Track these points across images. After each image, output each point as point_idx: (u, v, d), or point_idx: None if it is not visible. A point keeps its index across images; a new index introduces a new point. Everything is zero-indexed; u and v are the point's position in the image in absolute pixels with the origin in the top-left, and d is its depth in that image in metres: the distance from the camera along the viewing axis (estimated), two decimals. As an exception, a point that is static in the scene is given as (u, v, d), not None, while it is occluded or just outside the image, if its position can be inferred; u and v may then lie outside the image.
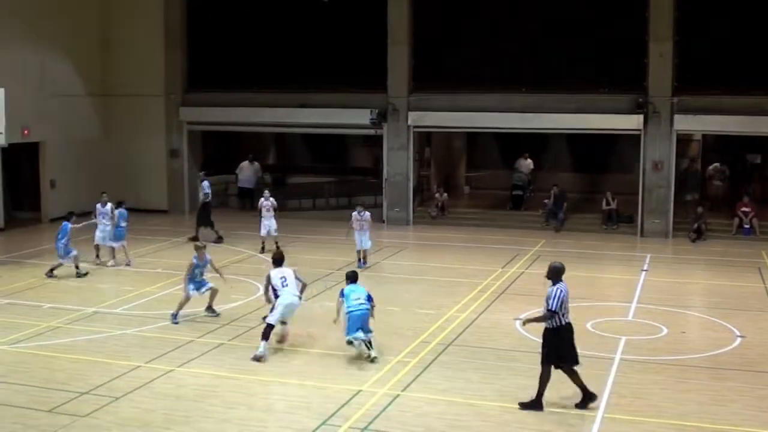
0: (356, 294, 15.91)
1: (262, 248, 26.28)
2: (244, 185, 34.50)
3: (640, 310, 19.78)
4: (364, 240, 24.26)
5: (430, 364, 15.59)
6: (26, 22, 30.64)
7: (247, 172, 34.55)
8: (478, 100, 30.92)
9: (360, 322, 15.53)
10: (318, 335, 17.16)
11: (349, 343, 15.53)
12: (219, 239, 27.40)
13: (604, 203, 31.04)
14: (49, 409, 13.27)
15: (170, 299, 20.40)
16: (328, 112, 32.44)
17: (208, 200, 28.17)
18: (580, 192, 35.28)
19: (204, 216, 27.85)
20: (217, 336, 17.31)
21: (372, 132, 32.73)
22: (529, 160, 34.33)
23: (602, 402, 13.69)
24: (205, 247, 19.39)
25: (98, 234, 24.36)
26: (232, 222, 30.19)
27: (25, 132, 30.12)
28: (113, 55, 34.95)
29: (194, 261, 18.68)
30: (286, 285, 16.52)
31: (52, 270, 22.68)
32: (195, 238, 26.25)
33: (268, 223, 26.34)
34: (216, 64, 34.73)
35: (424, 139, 34.89)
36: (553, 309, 13.18)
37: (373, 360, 15.48)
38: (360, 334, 15.50)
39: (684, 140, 32.57)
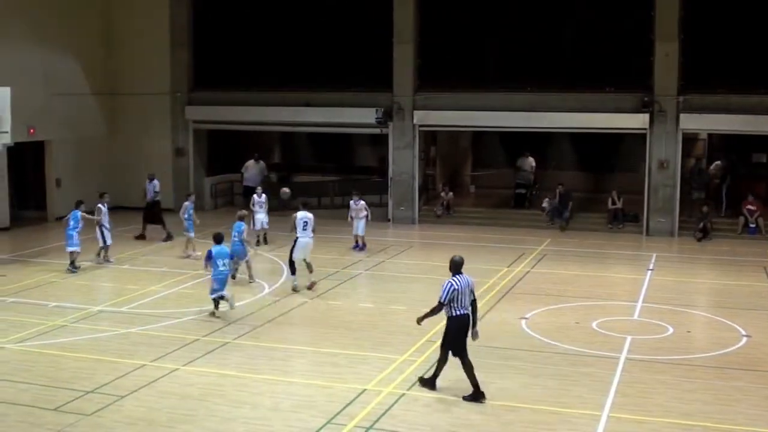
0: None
1: (257, 242, 27.07)
2: (250, 184, 34.41)
3: (646, 310, 19.75)
4: (359, 226, 26.46)
5: (435, 362, 15.55)
6: (31, 21, 30.67)
7: (252, 170, 34.52)
8: (483, 99, 30.92)
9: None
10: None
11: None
12: (168, 237, 27.87)
13: (609, 202, 31.02)
14: (54, 407, 13.28)
15: (176, 298, 20.48)
16: (333, 111, 32.45)
17: (157, 199, 28.85)
18: (585, 191, 35.23)
19: (153, 215, 28.41)
20: (222, 335, 17.31)
21: (377, 131, 32.72)
22: (531, 158, 34.29)
23: (608, 401, 13.68)
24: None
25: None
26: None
27: (31, 131, 30.14)
28: (119, 53, 34.99)
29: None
30: (305, 229, 20.69)
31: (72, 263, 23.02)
32: (142, 236, 27.78)
33: (261, 218, 27.45)
34: (222, 63, 34.75)
35: (430, 137, 34.87)
36: (441, 300, 13.80)
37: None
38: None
39: (690, 139, 32.49)
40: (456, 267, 14.11)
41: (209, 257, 18.95)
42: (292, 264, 21.13)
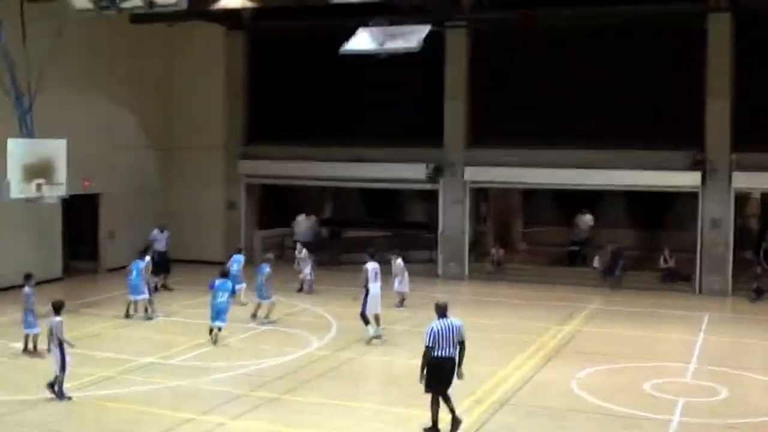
0: None
1: (300, 289, 28.40)
2: (300, 239, 34.56)
3: (699, 371, 19.45)
4: (397, 283, 26.18)
5: (484, 423, 15.44)
6: (90, 75, 31.24)
7: (303, 225, 34.69)
8: (534, 156, 30.88)
9: None
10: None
11: None
12: (165, 288, 28.21)
13: (661, 261, 30.72)
14: (102, 459, 13.34)
15: (225, 350, 20.52)
16: (384, 166, 32.59)
17: (165, 249, 29.16)
18: (636, 249, 34.91)
19: (164, 263, 28.56)
20: (270, 389, 17.31)
21: (428, 186, 32.80)
22: (589, 216, 34.03)
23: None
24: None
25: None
26: (287, 274, 30.24)
27: (86, 184, 30.54)
28: (175, 107, 35.57)
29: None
30: (376, 280, 20.96)
31: (129, 310, 23.69)
32: (165, 286, 27.98)
33: (305, 272, 28.49)
34: (275, 119, 35.11)
35: (481, 194, 34.85)
36: (427, 345, 14.30)
37: None
38: None
39: (742, 197, 32.14)
40: (440, 311, 14.69)
41: (212, 287, 21.02)
42: (363, 316, 21.18)
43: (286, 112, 34.99)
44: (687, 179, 29.45)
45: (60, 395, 16.33)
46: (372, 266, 21.37)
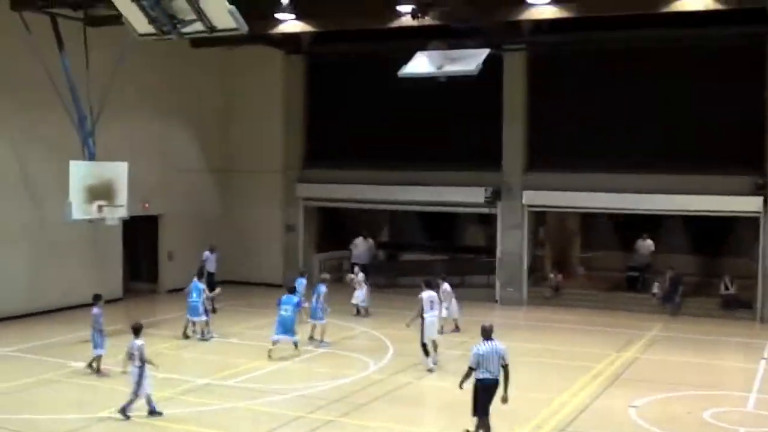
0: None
1: (357, 311, 28.40)
2: (358, 261, 34.64)
3: (761, 401, 19.09)
4: (444, 309, 24.99)
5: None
6: (151, 98, 31.70)
7: (361, 248, 34.76)
8: (592, 180, 30.63)
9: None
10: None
11: None
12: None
13: (722, 287, 30.27)
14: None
15: (281, 373, 20.59)
16: (442, 190, 32.55)
17: (214, 271, 29.20)
18: (696, 275, 34.44)
19: (210, 285, 28.28)
20: (327, 412, 17.31)
21: (486, 210, 32.70)
22: (649, 241, 33.57)
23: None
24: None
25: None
26: (345, 297, 30.32)
27: (145, 206, 30.96)
28: (234, 131, 35.94)
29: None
30: (432, 308, 20.73)
31: (186, 329, 24.10)
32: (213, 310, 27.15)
33: (358, 295, 28.54)
34: (333, 141, 35.33)
35: (539, 218, 34.66)
36: (470, 366, 14.75)
37: None
38: None
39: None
40: (486, 333, 15.02)
41: (278, 303, 22.26)
42: (424, 346, 21.02)
43: (344, 135, 35.17)
44: (748, 204, 29.03)
45: (123, 412, 16.53)
46: (427, 295, 21.22)
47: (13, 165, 27.10)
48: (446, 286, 25.64)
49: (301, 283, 26.17)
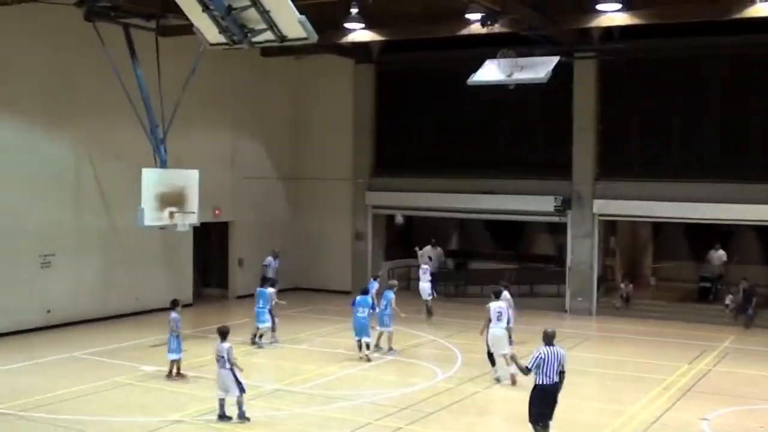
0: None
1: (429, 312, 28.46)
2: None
3: (838, 415, 18.70)
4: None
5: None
6: (221, 106, 32.07)
7: (429, 256, 34.71)
8: (665, 189, 30.20)
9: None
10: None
11: None
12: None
13: (797, 299, 29.75)
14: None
15: (349, 379, 20.64)
16: (511, 198, 32.36)
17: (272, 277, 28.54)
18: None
19: None
20: (395, 419, 17.29)
21: (556, 219, 32.45)
22: (721, 252, 33.00)
23: None
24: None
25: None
26: (414, 305, 30.26)
27: (217, 212, 31.37)
28: (305, 140, 36.20)
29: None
30: (500, 319, 20.24)
31: (255, 336, 24.18)
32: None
33: (424, 287, 28.70)
34: (402, 150, 35.40)
35: (609, 227, 34.33)
36: (528, 367, 14.84)
37: None
38: None
39: None
40: (548, 338, 14.98)
41: (353, 304, 22.53)
42: (490, 356, 20.77)
43: (413, 143, 35.24)
44: (825, 214, 28.45)
45: (241, 416, 16.85)
46: (495, 306, 20.79)
47: (88, 173, 27.66)
48: (506, 294, 24.87)
49: (374, 286, 26.17)
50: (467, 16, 25.35)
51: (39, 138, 26.19)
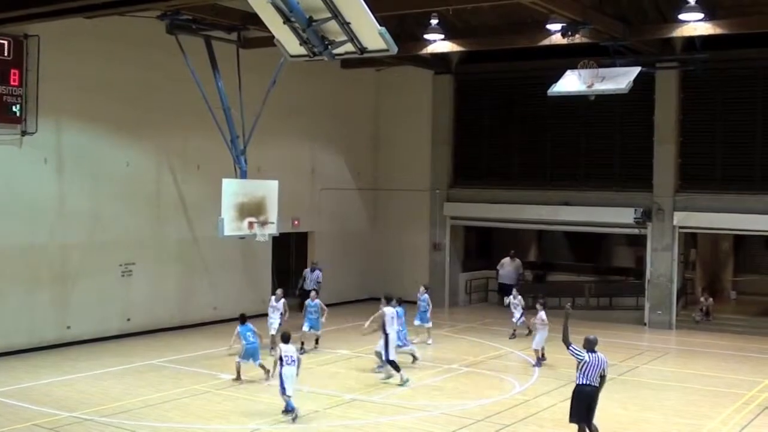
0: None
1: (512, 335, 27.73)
2: (505, 281, 34.48)
3: None
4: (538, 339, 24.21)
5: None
6: (301, 117, 32.37)
7: (508, 268, 34.57)
8: (746, 201, 29.64)
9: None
10: None
11: None
12: None
13: None
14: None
15: (426, 390, 20.63)
16: (590, 210, 32.06)
17: (314, 289, 28.31)
18: None
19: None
20: (470, 431, 17.26)
21: (635, 231, 32.07)
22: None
23: None
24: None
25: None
26: (491, 317, 30.22)
27: (295, 223, 31.68)
28: (383, 152, 36.38)
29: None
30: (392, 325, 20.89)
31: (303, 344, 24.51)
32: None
33: (516, 315, 27.64)
34: (480, 161, 35.30)
35: (690, 240, 33.83)
36: (569, 347, 15.27)
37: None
38: None
39: None
40: (590, 345, 15.31)
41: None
42: (392, 362, 21.25)
43: (492, 154, 35.12)
44: None
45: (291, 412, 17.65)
46: (390, 311, 21.55)
47: (168, 184, 28.13)
48: (542, 314, 24.02)
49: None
50: (548, 26, 25.24)
51: (121, 148, 26.68)
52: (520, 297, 27.84)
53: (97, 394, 19.82)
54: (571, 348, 15.28)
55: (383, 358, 21.48)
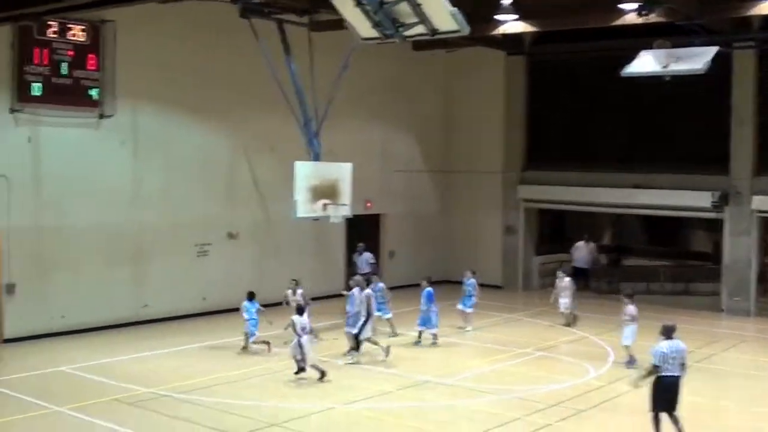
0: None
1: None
2: (579, 265, 34.20)
3: None
4: (564, 303, 26.19)
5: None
6: (373, 99, 32.45)
7: (582, 251, 34.26)
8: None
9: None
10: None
11: None
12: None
13: None
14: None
15: (498, 374, 20.57)
16: (666, 193, 31.53)
17: (366, 271, 28.25)
18: None
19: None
20: (544, 416, 17.14)
21: (713, 215, 31.50)
22: None
23: None
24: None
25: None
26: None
27: (368, 205, 31.77)
28: (455, 134, 36.19)
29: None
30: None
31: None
32: None
33: (563, 302, 26.78)
34: (554, 143, 35.00)
35: (769, 224, 33.16)
36: (655, 363, 14.83)
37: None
38: None
39: None
40: (668, 332, 15.08)
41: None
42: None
43: (566, 136, 34.77)
44: None
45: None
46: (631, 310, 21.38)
47: (242, 166, 28.50)
48: (631, 308, 22.45)
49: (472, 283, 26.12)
50: (621, 5, 24.84)
51: (196, 132, 27.13)
52: (567, 279, 27.00)
53: (173, 371, 20.16)
54: (656, 362, 14.84)
55: (356, 333, 21.52)
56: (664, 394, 14.84)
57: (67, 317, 24.13)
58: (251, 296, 22.60)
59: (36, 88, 23.09)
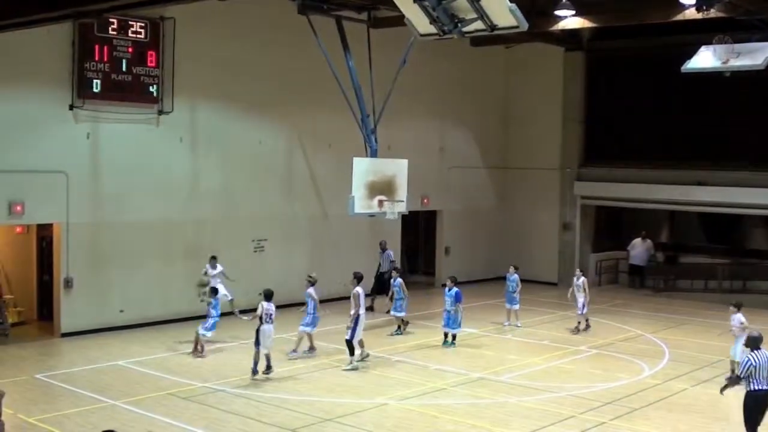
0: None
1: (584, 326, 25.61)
2: (636, 262, 33.94)
3: None
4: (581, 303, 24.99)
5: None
6: (430, 96, 32.47)
7: (639, 249, 34.02)
8: None
9: None
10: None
11: None
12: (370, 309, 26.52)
13: None
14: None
15: (554, 372, 20.49)
16: (726, 191, 31.20)
17: (386, 270, 28.28)
18: None
19: (379, 284, 28.20)
20: (599, 413, 17.07)
21: (769, 213, 31.08)
22: None
23: None
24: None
25: None
26: (621, 299, 29.73)
27: (425, 201, 31.82)
28: (513, 130, 36.16)
29: None
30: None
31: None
32: (370, 308, 26.47)
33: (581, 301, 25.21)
34: (612, 140, 34.74)
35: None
36: (740, 375, 14.21)
37: None
38: None
39: None
40: (755, 343, 14.35)
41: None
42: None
43: (624, 132, 34.50)
44: None
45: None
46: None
47: (300, 162, 28.68)
48: (739, 316, 23.26)
49: (515, 279, 25.93)
50: (681, 1, 24.61)
51: (253, 127, 27.34)
52: (584, 279, 25.41)
53: (229, 365, 20.37)
54: (742, 374, 14.20)
55: (347, 337, 20.62)
56: (756, 409, 14.15)
57: (126, 312, 24.49)
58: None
59: (96, 85, 23.39)
